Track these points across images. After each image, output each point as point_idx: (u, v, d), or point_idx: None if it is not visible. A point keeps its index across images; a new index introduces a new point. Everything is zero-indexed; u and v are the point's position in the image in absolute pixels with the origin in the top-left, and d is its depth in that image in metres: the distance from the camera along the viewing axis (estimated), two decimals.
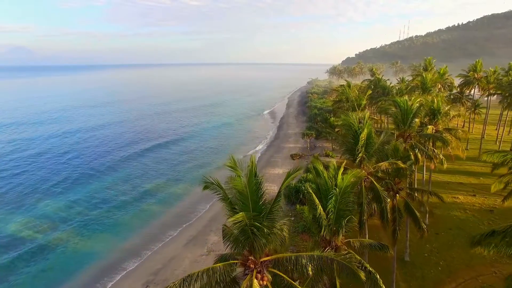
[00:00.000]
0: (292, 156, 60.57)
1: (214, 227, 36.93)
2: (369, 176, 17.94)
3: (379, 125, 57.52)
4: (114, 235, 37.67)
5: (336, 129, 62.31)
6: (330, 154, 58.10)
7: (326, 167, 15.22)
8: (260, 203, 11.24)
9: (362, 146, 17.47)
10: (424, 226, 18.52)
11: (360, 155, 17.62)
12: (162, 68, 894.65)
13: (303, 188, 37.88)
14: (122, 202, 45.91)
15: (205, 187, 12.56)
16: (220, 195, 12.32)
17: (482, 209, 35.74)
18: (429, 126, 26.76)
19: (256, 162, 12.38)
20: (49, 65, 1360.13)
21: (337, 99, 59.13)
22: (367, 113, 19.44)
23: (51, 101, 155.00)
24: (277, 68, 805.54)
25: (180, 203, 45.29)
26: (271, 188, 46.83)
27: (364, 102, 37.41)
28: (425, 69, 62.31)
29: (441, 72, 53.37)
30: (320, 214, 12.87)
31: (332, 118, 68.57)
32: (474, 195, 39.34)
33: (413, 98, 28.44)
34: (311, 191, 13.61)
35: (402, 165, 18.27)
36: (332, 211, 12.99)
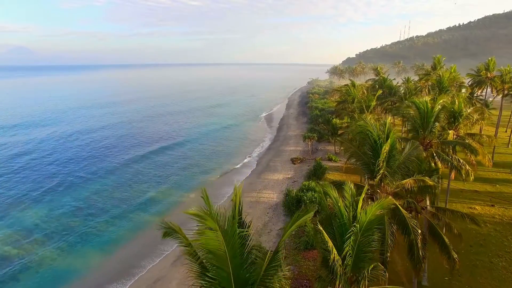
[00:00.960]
0: (293, 160, 57.11)
1: None
2: (392, 198, 14.42)
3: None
4: (99, 250, 34.22)
5: (340, 131, 59.02)
6: (333, 158, 54.64)
7: (339, 186, 11.80)
8: (246, 266, 7.71)
9: (383, 161, 14.04)
10: (456, 256, 15.08)
11: (381, 171, 14.16)
12: (162, 68, 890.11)
13: (305, 198, 34.47)
14: (111, 210, 42.45)
15: (165, 235, 9.16)
16: (185, 246, 8.79)
17: (504, 221, 32.30)
18: (450, 131, 23.36)
19: (241, 200, 8.92)
20: (49, 65, 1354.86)
21: (341, 100, 55.67)
22: (388, 118, 15.87)
23: (47, 102, 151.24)
24: (277, 68, 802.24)
25: (174, 212, 41.69)
26: (269, 196, 43.44)
27: (373, 103, 33.86)
28: (434, 68, 58.96)
29: (452, 71, 49.99)
30: (334, 259, 9.49)
31: (335, 120, 65.17)
32: (493, 205, 35.93)
33: (429, 98, 25.13)
34: (320, 228, 10.13)
35: (431, 182, 14.86)
36: (350, 254, 9.64)
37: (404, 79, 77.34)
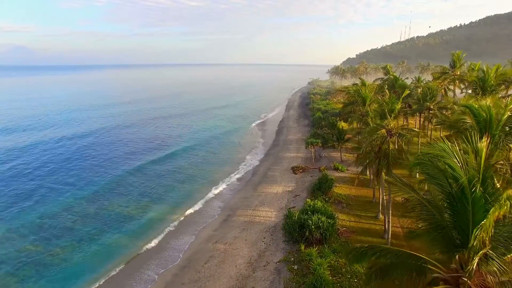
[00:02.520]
0: (294, 169, 50.71)
1: (188, 277, 27.04)
2: None
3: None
4: (57, 285, 27.84)
5: (347, 136, 52.74)
6: (340, 167, 48.22)
7: None
8: None
9: (487, 231, 7.57)
10: None
11: (480, 253, 7.58)
12: (163, 68, 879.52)
13: (310, 222, 28.06)
14: (80, 232, 36.02)
15: None
16: None
17: None
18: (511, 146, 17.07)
19: None
20: (49, 65, 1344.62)
21: (348, 101, 49.32)
22: (485, 141, 9.22)
23: (40, 103, 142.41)
24: (277, 69, 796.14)
25: (154, 235, 34.97)
26: (267, 215, 37.00)
27: (398, 106, 27.18)
28: (452, 66, 52.75)
29: (476, 68, 43.77)
30: None
31: (340, 123, 58.96)
32: None
33: (472, 101, 18.86)
34: None
35: None
36: None
37: (414, 79, 71.30)
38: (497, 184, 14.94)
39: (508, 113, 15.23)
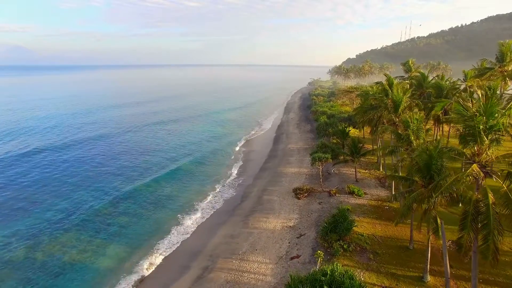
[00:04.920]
0: (296, 192, 39.44)
1: None
2: None
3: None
4: None
5: (364, 146, 41.68)
6: (356, 190, 37.00)
7: None
8: None
9: None
10: None
11: None
12: (161, 69, 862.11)
13: None
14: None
15: None
16: None
17: None
18: None
19: None
20: (46, 65, 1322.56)
21: (367, 105, 38.22)
22: None
23: (25, 106, 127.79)
24: (276, 70, 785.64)
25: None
26: (260, 270, 25.71)
27: (502, 120, 15.62)
28: (501, 60, 41.80)
29: None
30: None
31: (353, 132, 47.90)
32: None
33: None
34: None
35: None
36: None
37: (437, 77, 60.84)
38: None
39: None
